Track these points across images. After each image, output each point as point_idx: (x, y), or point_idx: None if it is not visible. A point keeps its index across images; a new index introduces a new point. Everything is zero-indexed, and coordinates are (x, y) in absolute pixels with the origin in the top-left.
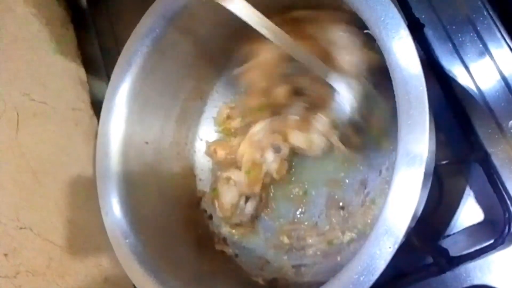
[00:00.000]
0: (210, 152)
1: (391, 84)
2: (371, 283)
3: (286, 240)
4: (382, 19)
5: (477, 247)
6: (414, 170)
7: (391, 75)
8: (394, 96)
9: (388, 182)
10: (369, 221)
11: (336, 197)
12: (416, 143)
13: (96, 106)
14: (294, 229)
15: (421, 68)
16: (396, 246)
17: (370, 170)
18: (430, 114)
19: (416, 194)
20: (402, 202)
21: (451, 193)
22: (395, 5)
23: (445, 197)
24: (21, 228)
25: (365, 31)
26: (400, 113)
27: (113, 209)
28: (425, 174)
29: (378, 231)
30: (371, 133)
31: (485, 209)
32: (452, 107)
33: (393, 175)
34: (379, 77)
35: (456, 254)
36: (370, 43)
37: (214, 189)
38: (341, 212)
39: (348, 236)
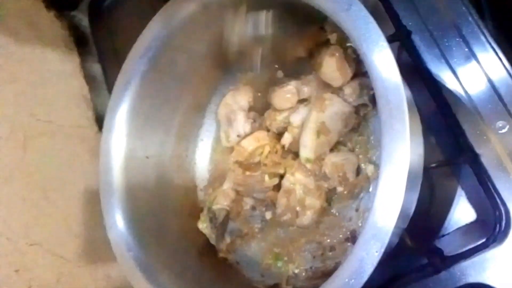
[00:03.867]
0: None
1: None
2: (360, 286)
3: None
4: (363, 33)
5: (471, 246)
6: (398, 177)
7: (373, 87)
8: None
9: None
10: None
11: None
12: (398, 151)
13: (100, 122)
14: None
15: (401, 79)
16: (383, 250)
17: None
18: (412, 122)
19: (400, 200)
20: (387, 209)
21: (443, 194)
22: (382, 13)
23: (437, 198)
24: (31, 244)
25: (348, 44)
26: (382, 123)
27: (117, 222)
28: (412, 178)
29: (365, 236)
30: None
31: (477, 209)
32: (440, 110)
33: (378, 182)
34: None
35: (450, 254)
36: None
37: None
38: None
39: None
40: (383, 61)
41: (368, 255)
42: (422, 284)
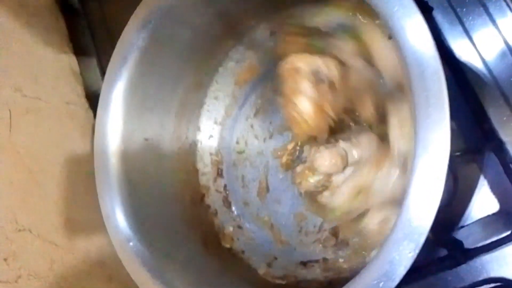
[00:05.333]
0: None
1: None
2: None
3: None
4: (395, 9)
5: (493, 239)
6: (436, 172)
7: (407, 71)
8: None
9: None
10: None
11: None
12: (436, 144)
13: (91, 98)
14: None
15: (440, 62)
16: (417, 251)
17: None
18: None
19: (438, 197)
20: (424, 206)
21: (465, 183)
22: None
23: (459, 188)
24: (20, 230)
25: (376, 21)
26: (417, 111)
27: (115, 211)
28: None
29: (397, 235)
30: None
31: (501, 199)
32: (464, 93)
33: (412, 176)
34: None
35: (471, 246)
36: None
37: None
38: None
39: None
40: (419, 43)
41: (400, 256)
42: (440, 277)
